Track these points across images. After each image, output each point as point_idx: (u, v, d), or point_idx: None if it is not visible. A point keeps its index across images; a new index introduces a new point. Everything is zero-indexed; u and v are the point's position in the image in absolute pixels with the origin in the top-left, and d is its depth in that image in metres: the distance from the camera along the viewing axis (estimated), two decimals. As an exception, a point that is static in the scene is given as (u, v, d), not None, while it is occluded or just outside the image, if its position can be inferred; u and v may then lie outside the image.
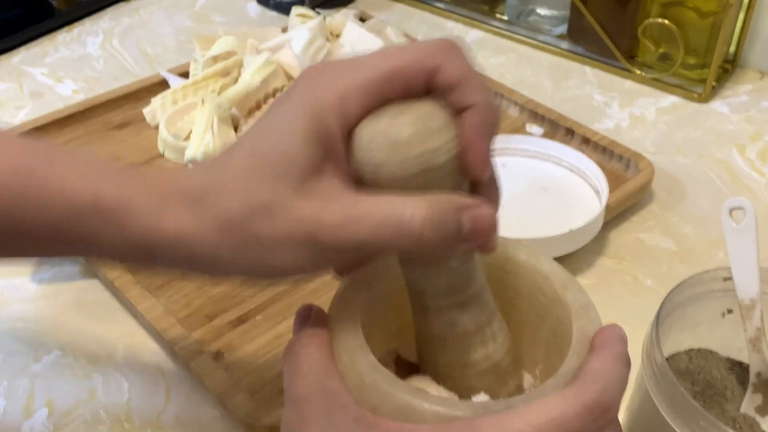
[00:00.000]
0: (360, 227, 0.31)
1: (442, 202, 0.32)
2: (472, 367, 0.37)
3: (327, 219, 0.32)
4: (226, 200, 0.33)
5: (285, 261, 0.33)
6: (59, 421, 0.52)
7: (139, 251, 0.34)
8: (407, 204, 0.31)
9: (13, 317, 0.59)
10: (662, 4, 0.83)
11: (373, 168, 0.32)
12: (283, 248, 0.32)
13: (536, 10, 0.97)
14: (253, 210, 0.32)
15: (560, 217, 0.63)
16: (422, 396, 0.33)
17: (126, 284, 0.58)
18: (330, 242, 0.32)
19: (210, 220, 0.33)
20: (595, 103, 0.84)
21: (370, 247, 0.32)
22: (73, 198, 0.34)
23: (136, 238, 0.34)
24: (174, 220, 0.33)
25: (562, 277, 0.39)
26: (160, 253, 0.34)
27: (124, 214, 0.34)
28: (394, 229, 0.31)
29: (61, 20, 0.99)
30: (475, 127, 0.32)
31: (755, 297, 0.45)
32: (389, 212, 0.31)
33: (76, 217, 0.34)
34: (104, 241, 0.34)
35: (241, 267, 0.33)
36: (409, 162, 0.32)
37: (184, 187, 0.34)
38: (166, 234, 0.33)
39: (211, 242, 0.33)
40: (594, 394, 0.32)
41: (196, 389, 0.53)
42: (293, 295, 0.59)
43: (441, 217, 0.31)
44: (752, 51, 0.88)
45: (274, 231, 0.32)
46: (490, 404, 0.32)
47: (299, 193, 0.32)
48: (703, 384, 0.47)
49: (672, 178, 0.73)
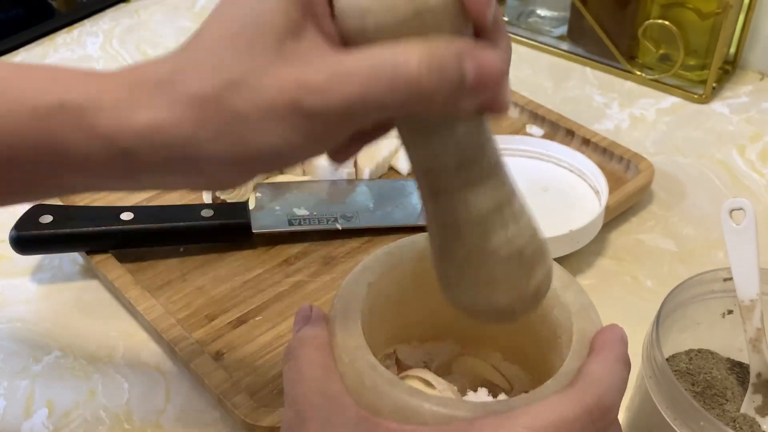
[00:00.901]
0: (349, 84, 0.28)
1: (441, 45, 0.28)
2: (492, 254, 0.33)
3: (310, 81, 0.28)
4: (198, 78, 0.29)
5: (270, 138, 0.29)
6: (59, 422, 0.51)
7: (113, 154, 0.31)
8: (400, 49, 0.28)
9: (12, 318, 0.59)
10: (662, 5, 0.83)
11: (358, 16, 0.29)
12: (266, 122, 0.29)
13: (536, 11, 0.97)
14: (229, 83, 0.29)
15: (560, 218, 0.63)
16: (422, 396, 0.33)
17: (126, 284, 0.58)
18: (316, 107, 0.28)
19: (184, 103, 0.29)
20: (596, 104, 0.84)
21: (363, 108, 0.29)
22: (37, 101, 0.31)
23: (108, 138, 0.30)
24: (146, 110, 0.30)
25: (563, 278, 0.39)
26: (135, 153, 0.30)
27: (92, 112, 0.30)
28: (387, 79, 0.28)
29: (61, 21, 0.99)
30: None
31: (755, 297, 0.45)
32: (381, 61, 0.28)
33: (42, 121, 0.31)
34: (74, 148, 0.31)
35: (224, 152, 0.30)
36: (399, 5, 0.28)
37: (154, 74, 0.30)
38: (140, 127, 0.30)
39: (187, 127, 0.29)
40: (594, 396, 0.32)
41: (196, 389, 0.53)
42: (293, 296, 0.59)
43: (441, 61, 0.28)
44: (752, 52, 0.88)
45: (253, 103, 0.29)
46: (490, 405, 0.32)
47: (278, 58, 0.29)
48: (703, 384, 0.47)
49: (672, 178, 0.73)
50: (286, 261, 0.62)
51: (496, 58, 0.29)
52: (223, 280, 0.61)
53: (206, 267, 0.62)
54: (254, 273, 0.61)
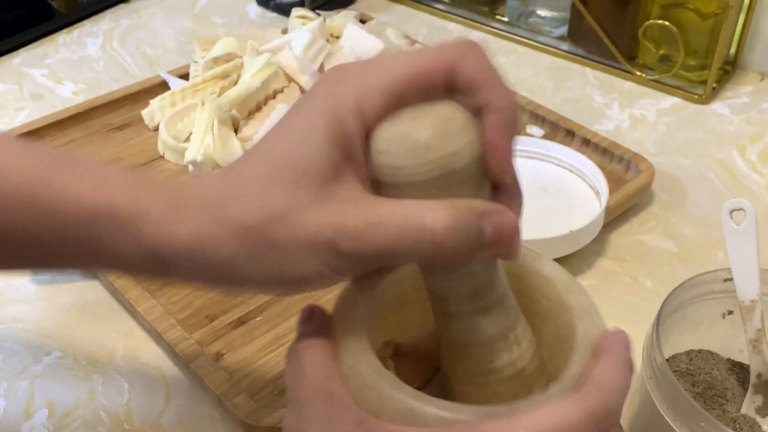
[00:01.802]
0: (381, 236, 0.31)
1: (464, 208, 0.31)
2: (495, 373, 0.36)
3: (347, 225, 0.31)
4: (244, 207, 0.32)
5: (304, 269, 0.32)
6: (59, 422, 0.51)
7: (154, 261, 0.33)
8: (428, 210, 0.31)
9: (13, 318, 0.59)
10: (663, 5, 0.83)
11: (392, 171, 0.31)
12: (302, 256, 0.31)
13: (536, 12, 0.97)
14: (271, 216, 0.31)
15: (560, 219, 0.63)
16: (425, 400, 0.32)
17: (126, 285, 0.58)
18: (350, 251, 0.31)
19: (227, 227, 0.32)
20: (596, 105, 0.84)
21: (391, 255, 0.31)
22: (87, 207, 0.33)
23: (151, 247, 0.33)
24: (190, 227, 0.32)
25: (566, 281, 0.39)
26: (175, 263, 0.33)
27: (138, 222, 0.33)
28: (415, 236, 0.30)
29: (61, 21, 0.99)
30: (496, 126, 0.32)
31: (755, 298, 0.45)
32: (409, 219, 0.30)
33: (90, 226, 0.33)
34: (118, 251, 0.34)
35: (259, 275, 0.32)
36: (428, 166, 0.31)
37: (200, 194, 0.33)
38: (182, 241, 0.32)
39: (228, 249, 0.32)
40: (598, 400, 0.32)
41: (196, 390, 0.53)
42: (293, 297, 0.59)
43: (463, 224, 0.30)
44: (752, 52, 0.88)
45: (292, 238, 0.31)
46: (493, 409, 0.32)
47: (318, 198, 0.31)
48: (703, 385, 0.47)
49: (672, 179, 0.73)
50: (286, 261, 0.62)
51: (512, 217, 0.32)
52: (223, 280, 0.60)
53: (206, 267, 0.62)
54: (254, 273, 0.61)
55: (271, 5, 1.03)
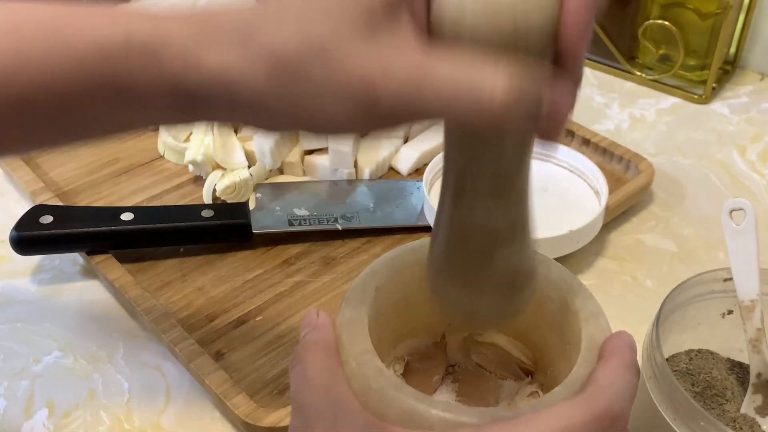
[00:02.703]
0: (431, 86, 0.27)
1: (527, 77, 0.27)
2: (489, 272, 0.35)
3: (392, 73, 0.27)
4: (281, 34, 0.28)
5: (335, 115, 0.29)
6: (59, 422, 0.51)
7: (178, 96, 0.30)
8: (490, 70, 0.27)
9: (13, 318, 0.59)
10: (662, 5, 0.83)
11: (458, 13, 0.28)
12: (336, 99, 0.28)
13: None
14: (310, 47, 0.28)
15: (560, 218, 0.63)
16: (429, 402, 0.32)
17: (126, 285, 0.58)
18: (391, 102, 0.28)
19: (259, 56, 0.29)
20: (596, 105, 0.84)
21: (435, 112, 0.28)
22: (103, 43, 0.30)
23: (174, 80, 0.30)
24: (217, 56, 0.29)
25: (571, 283, 0.39)
26: (199, 95, 0.30)
27: (159, 53, 0.30)
28: (471, 96, 0.27)
29: (62, 21, 0.98)
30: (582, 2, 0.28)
31: (755, 298, 0.45)
32: (468, 74, 0.27)
33: (108, 62, 0.30)
34: (138, 87, 0.31)
35: (289, 112, 0.29)
36: (502, 15, 0.27)
37: (231, 21, 0.30)
38: (208, 72, 0.29)
39: (258, 82, 0.29)
40: (604, 403, 0.31)
41: (196, 390, 0.53)
42: (293, 296, 0.59)
43: (524, 93, 0.27)
44: (752, 52, 0.88)
45: (329, 76, 0.28)
46: (497, 411, 0.32)
47: (365, 35, 0.28)
48: (703, 384, 0.47)
49: (672, 179, 0.73)
50: (286, 261, 0.62)
51: (571, 96, 0.29)
52: (223, 280, 0.61)
53: (206, 267, 0.62)
54: (254, 273, 0.61)
55: (271, 5, 1.03)
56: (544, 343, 0.41)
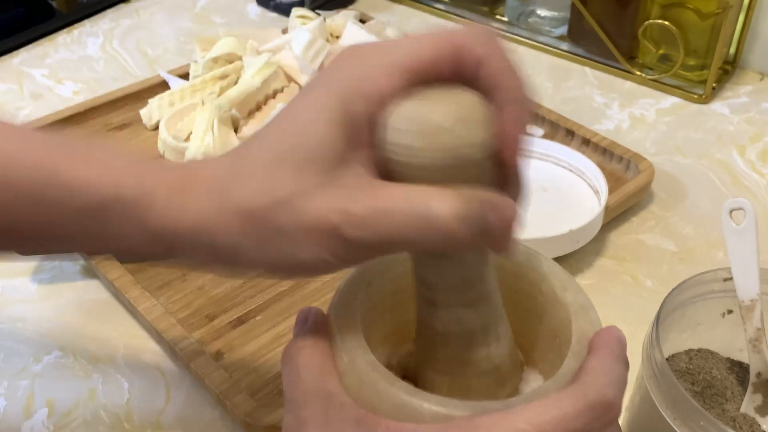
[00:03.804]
0: (387, 223, 0.30)
1: (473, 198, 0.30)
2: (472, 365, 0.36)
3: (353, 212, 0.30)
4: (249, 191, 0.32)
5: (307, 255, 0.31)
6: (59, 422, 0.52)
7: (160, 243, 0.33)
8: (436, 197, 0.30)
9: (13, 317, 0.59)
10: (662, 5, 0.83)
11: (406, 152, 0.30)
12: (306, 241, 0.31)
13: (536, 12, 0.97)
14: (276, 201, 0.31)
15: (560, 218, 0.63)
16: (421, 395, 0.33)
17: (126, 285, 0.58)
18: (355, 237, 0.30)
19: (231, 211, 0.32)
20: (596, 104, 0.84)
21: (397, 244, 0.31)
22: (94, 195, 0.33)
23: (157, 231, 0.33)
24: (196, 210, 0.32)
25: (562, 278, 0.39)
26: (180, 245, 0.33)
27: (145, 205, 0.33)
28: (423, 224, 0.30)
29: (62, 21, 0.99)
30: (511, 113, 0.31)
31: (755, 297, 0.45)
32: (417, 206, 0.30)
33: (97, 213, 0.33)
34: (124, 236, 0.34)
35: (264, 260, 0.32)
36: (445, 152, 0.30)
37: (206, 178, 0.33)
38: (188, 224, 0.33)
39: (232, 233, 0.32)
40: (596, 393, 0.32)
41: (196, 389, 0.53)
42: (293, 296, 0.59)
43: (470, 213, 0.30)
44: (752, 52, 0.88)
45: (296, 223, 0.31)
46: (489, 404, 0.32)
47: (323, 183, 0.31)
48: (703, 384, 0.47)
49: (672, 178, 0.73)
50: (286, 261, 0.62)
51: (515, 209, 0.31)
52: (223, 280, 0.61)
53: (206, 267, 0.62)
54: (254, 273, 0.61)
55: (271, 5, 1.03)
56: (534, 337, 0.41)
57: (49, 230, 0.35)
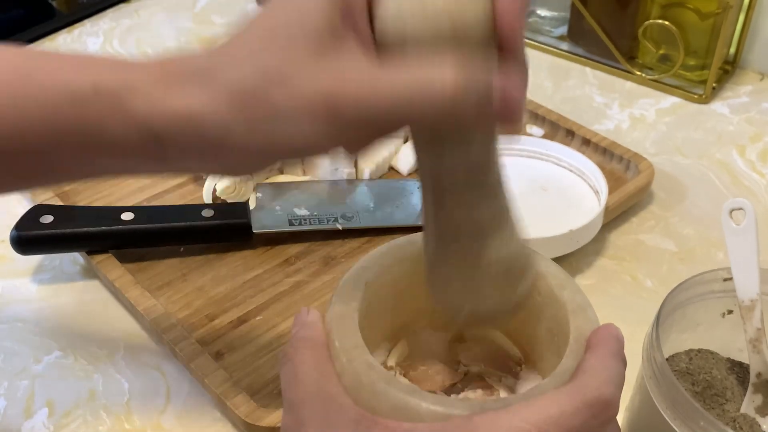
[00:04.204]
0: (386, 92, 0.29)
1: (474, 67, 0.29)
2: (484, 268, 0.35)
3: (348, 85, 0.29)
4: (238, 70, 0.30)
5: (302, 134, 0.30)
6: (59, 422, 0.52)
7: (147, 139, 0.31)
8: (437, 66, 0.29)
9: (13, 318, 0.59)
10: (662, 5, 0.83)
11: (400, 24, 0.30)
12: (300, 119, 0.30)
13: (536, 12, 0.97)
14: (268, 77, 0.30)
15: (560, 218, 0.63)
16: (419, 395, 0.33)
17: (126, 285, 0.58)
18: (352, 112, 0.29)
19: (221, 92, 0.30)
20: (596, 104, 0.84)
21: (396, 117, 0.30)
22: (72, 91, 0.32)
23: (142, 123, 0.31)
24: (181, 96, 0.31)
25: (560, 277, 0.39)
26: (167, 137, 0.31)
27: (127, 98, 0.31)
28: (424, 93, 0.29)
29: (62, 21, 0.99)
30: None
31: (755, 298, 0.45)
32: (418, 74, 0.29)
33: (77, 110, 0.32)
34: (109, 134, 0.32)
35: (255, 143, 0.31)
36: (438, 18, 0.29)
37: (192, 64, 0.32)
38: (174, 112, 0.31)
39: (223, 115, 0.30)
40: (594, 391, 0.32)
41: (196, 389, 0.53)
42: (293, 296, 0.59)
43: (473, 81, 0.29)
44: (752, 52, 0.88)
45: (290, 99, 0.30)
46: (487, 402, 0.32)
47: (317, 58, 0.30)
48: (703, 384, 0.47)
49: (672, 179, 0.73)
50: (286, 261, 0.62)
51: (520, 83, 0.31)
52: (223, 280, 0.61)
53: (206, 267, 0.62)
54: (254, 273, 0.61)
55: (271, 5, 1.03)
56: (532, 336, 0.41)
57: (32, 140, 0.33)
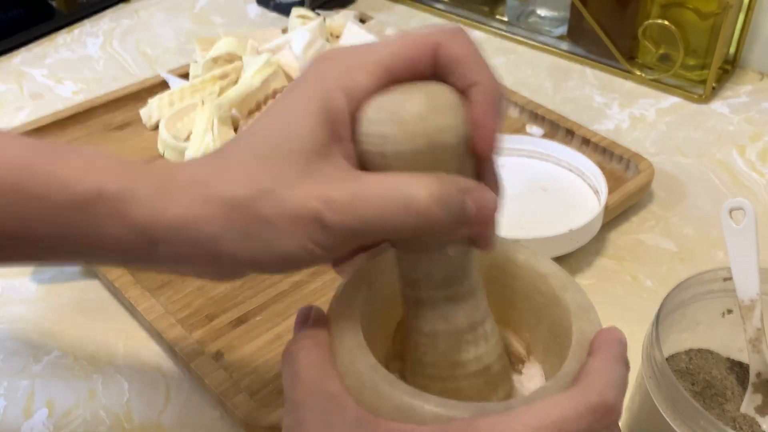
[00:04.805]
0: (367, 208, 0.31)
1: (449, 181, 0.31)
2: (461, 367, 0.36)
3: (333, 198, 0.31)
4: (230, 183, 0.32)
5: (290, 244, 0.32)
6: (59, 422, 0.52)
7: (143, 241, 0.33)
8: (414, 181, 0.31)
9: (13, 318, 0.59)
10: (662, 5, 0.83)
11: (380, 140, 0.32)
12: (289, 230, 0.32)
13: (536, 12, 0.97)
14: (258, 191, 0.32)
15: (560, 218, 0.63)
16: (422, 397, 0.33)
17: (126, 285, 0.58)
18: (336, 223, 0.31)
19: (214, 203, 0.32)
20: (595, 104, 0.84)
21: (377, 229, 0.32)
22: (76, 190, 0.33)
23: (140, 228, 0.33)
24: (179, 205, 0.33)
25: (561, 278, 0.39)
26: (163, 242, 0.33)
27: (127, 203, 0.33)
28: (401, 207, 0.31)
29: (62, 21, 0.99)
30: (483, 105, 0.32)
31: (755, 297, 0.45)
32: (396, 189, 0.31)
33: (79, 209, 0.33)
34: (107, 235, 0.34)
35: (246, 252, 0.33)
36: (416, 137, 0.31)
37: (188, 174, 0.34)
38: (170, 220, 0.33)
39: (215, 225, 0.32)
40: (596, 395, 0.32)
41: (196, 389, 0.53)
42: (293, 296, 0.59)
43: (448, 197, 0.31)
44: (752, 52, 0.88)
45: (279, 212, 0.32)
46: (489, 406, 0.32)
47: (305, 173, 0.32)
48: (702, 384, 0.47)
49: (672, 178, 0.73)
50: (286, 261, 0.62)
51: (494, 197, 0.33)
52: (223, 280, 0.61)
53: (206, 267, 0.62)
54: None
55: (271, 5, 1.03)
56: (534, 338, 0.41)
57: (30, 233, 0.34)
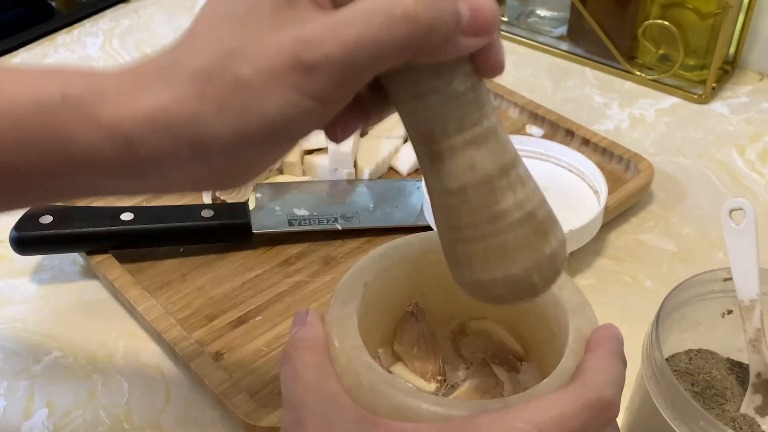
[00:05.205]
0: (346, 31, 0.28)
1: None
2: (502, 218, 0.32)
3: (308, 35, 0.28)
4: (198, 54, 0.30)
5: (274, 102, 0.29)
6: (59, 422, 0.52)
7: (118, 145, 0.30)
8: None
9: (12, 318, 0.59)
10: (662, 5, 0.83)
11: None
12: (268, 85, 0.29)
13: (536, 12, 0.97)
14: (228, 52, 0.29)
15: (559, 218, 0.62)
16: (420, 396, 0.33)
17: (126, 285, 0.58)
18: (316, 59, 0.28)
19: (184, 81, 0.29)
20: (595, 104, 0.84)
21: (363, 54, 0.28)
22: (39, 100, 0.31)
23: (111, 128, 0.30)
24: (148, 96, 0.30)
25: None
26: (139, 140, 0.30)
27: (95, 103, 0.30)
28: (385, 18, 0.28)
29: (61, 21, 0.99)
30: None
31: (755, 298, 0.45)
32: (377, 4, 0.28)
33: (46, 120, 0.31)
34: (78, 142, 0.31)
35: (230, 127, 0.30)
36: None
37: (155, 63, 0.31)
38: (143, 112, 0.30)
39: (190, 104, 0.29)
40: (594, 391, 0.32)
41: (195, 390, 0.53)
42: (293, 296, 0.59)
43: None
44: (752, 52, 0.88)
45: (253, 67, 0.29)
46: (487, 403, 0.32)
47: (274, 24, 0.29)
48: (702, 384, 0.47)
49: (672, 179, 0.73)
50: (286, 261, 0.62)
51: (489, 1, 0.29)
52: (223, 280, 0.61)
53: (206, 267, 0.62)
54: (254, 273, 0.61)
55: (270, 5, 1.03)
56: (532, 335, 0.41)
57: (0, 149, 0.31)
